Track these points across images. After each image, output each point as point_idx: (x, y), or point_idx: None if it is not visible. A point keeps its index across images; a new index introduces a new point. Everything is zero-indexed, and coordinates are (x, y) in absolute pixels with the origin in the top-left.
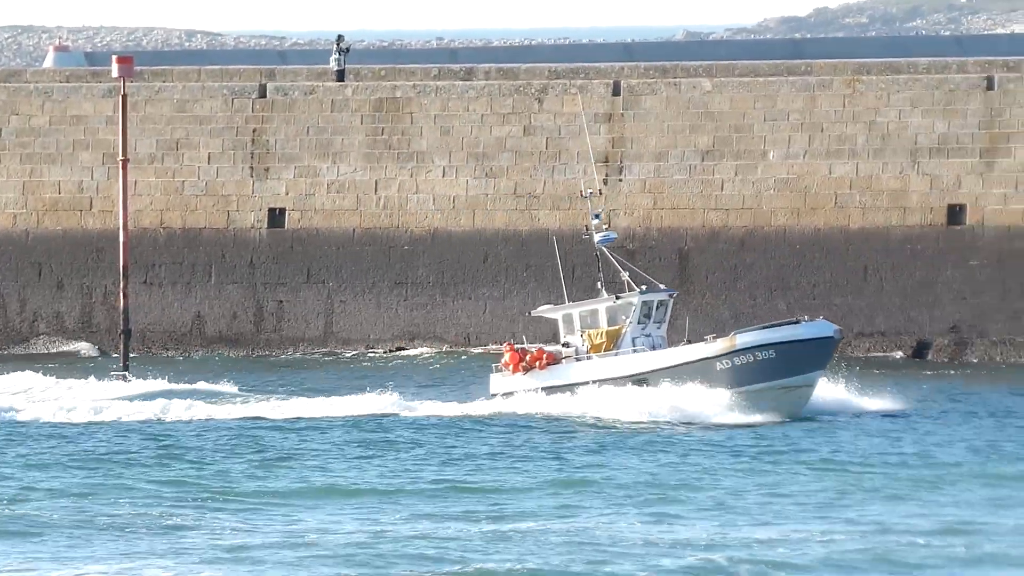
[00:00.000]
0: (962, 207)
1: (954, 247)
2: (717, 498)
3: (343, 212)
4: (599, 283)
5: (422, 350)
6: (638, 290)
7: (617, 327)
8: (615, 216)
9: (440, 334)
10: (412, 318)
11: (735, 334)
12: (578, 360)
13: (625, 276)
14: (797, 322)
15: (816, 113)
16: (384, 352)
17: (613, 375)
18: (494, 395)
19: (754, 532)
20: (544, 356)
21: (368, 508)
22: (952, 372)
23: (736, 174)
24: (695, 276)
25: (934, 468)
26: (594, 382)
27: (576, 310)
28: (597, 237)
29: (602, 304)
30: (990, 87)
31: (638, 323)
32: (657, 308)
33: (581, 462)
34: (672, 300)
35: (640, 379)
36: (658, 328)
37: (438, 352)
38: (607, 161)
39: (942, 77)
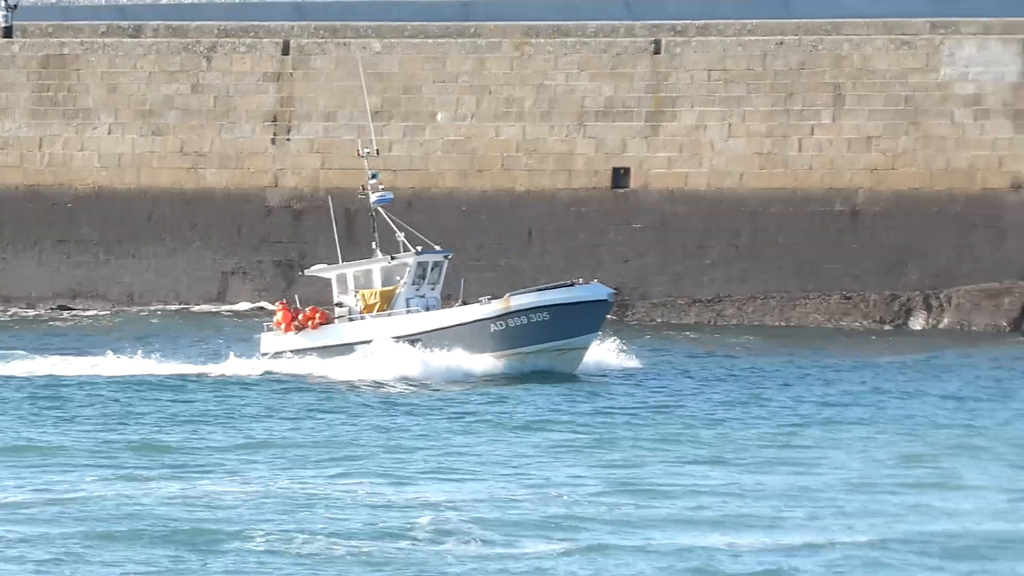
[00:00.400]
0: (627, 170)
1: (618, 210)
2: (395, 459)
3: (6, 169)
4: (374, 243)
5: (90, 311)
6: (413, 251)
7: (391, 288)
8: (282, 176)
9: (103, 293)
10: (75, 276)
11: (510, 296)
12: (351, 320)
13: (400, 237)
14: (572, 284)
15: (485, 76)
16: (46, 310)
17: (386, 335)
18: (264, 355)
19: (425, 493)
20: (317, 316)
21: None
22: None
23: (404, 135)
24: (361, 237)
25: (605, 430)
26: (367, 342)
27: (350, 270)
28: (373, 197)
29: (377, 264)
30: (657, 51)
31: (412, 284)
32: (432, 269)
33: (286, 425)
34: (447, 262)
35: (413, 340)
36: (432, 289)
37: (108, 311)
38: (275, 121)
39: (610, 41)
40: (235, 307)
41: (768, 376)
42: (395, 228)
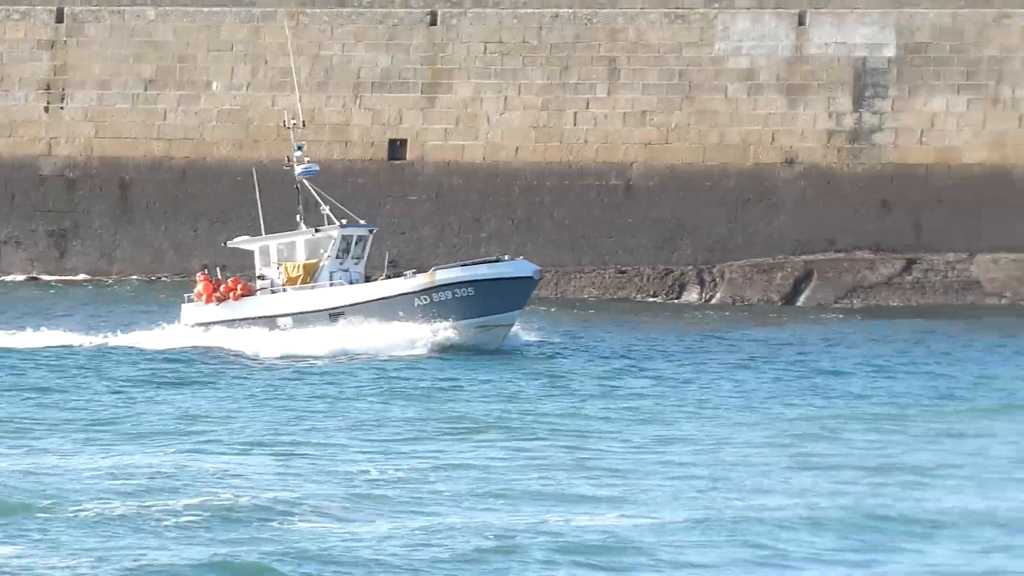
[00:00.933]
0: (403, 142)
1: (394, 182)
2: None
3: None
4: (298, 216)
5: None
6: (338, 224)
7: (315, 261)
8: (56, 144)
9: None
10: None
11: (435, 270)
12: (273, 292)
13: (325, 210)
14: (497, 260)
15: (260, 45)
16: None
17: (308, 308)
18: (184, 325)
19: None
20: (239, 287)
21: None
22: None
23: (179, 104)
24: (136, 206)
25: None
26: (288, 315)
27: (274, 242)
28: (298, 169)
29: (301, 237)
30: (433, 23)
31: (336, 257)
32: (356, 243)
33: (144, 397)
34: (372, 236)
35: (336, 313)
36: (356, 264)
37: None
38: (49, 89)
39: (386, 12)
40: (7, 277)
41: (547, 352)
42: (320, 201)
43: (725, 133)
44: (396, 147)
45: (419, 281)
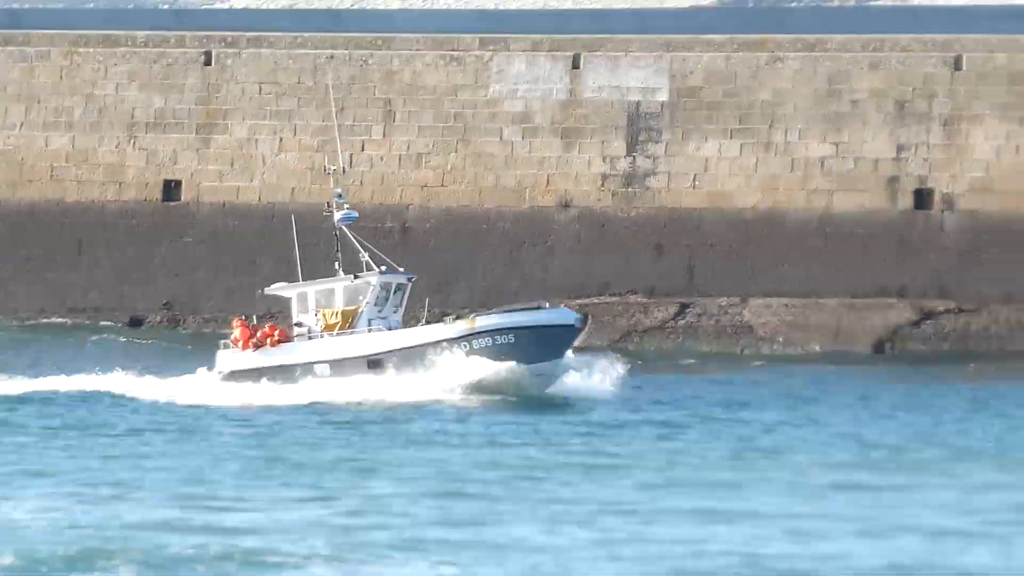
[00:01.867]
0: (178, 183)
1: (170, 223)
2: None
3: None
4: (336, 263)
5: None
6: (377, 271)
7: (353, 308)
8: None
9: None
10: None
11: (475, 316)
12: (311, 338)
13: (364, 257)
14: (539, 307)
15: (34, 84)
16: None
17: (346, 355)
18: (220, 372)
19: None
20: (276, 333)
21: None
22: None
23: None
24: None
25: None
26: (325, 362)
27: (312, 288)
28: (338, 216)
29: (339, 283)
30: (208, 62)
31: (375, 305)
32: (395, 291)
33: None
34: (411, 284)
35: (374, 360)
36: (395, 312)
37: None
38: None
39: (160, 51)
40: None
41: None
42: (359, 248)
43: (501, 176)
44: (171, 188)
45: (459, 327)
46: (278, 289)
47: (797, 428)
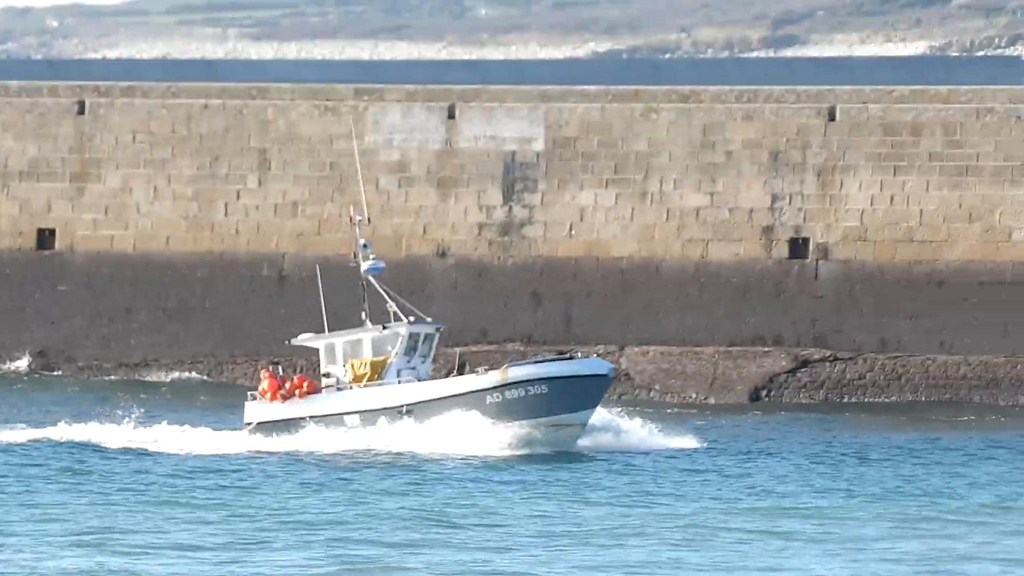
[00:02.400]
0: (52, 232)
1: (44, 271)
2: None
3: None
4: (363, 313)
5: None
6: (406, 321)
7: (382, 358)
8: None
9: None
10: None
11: (507, 366)
12: (340, 389)
13: (391, 307)
14: (571, 358)
15: None
16: None
17: (376, 406)
18: (248, 424)
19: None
20: (305, 384)
21: None
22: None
23: None
24: None
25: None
26: (356, 412)
27: (339, 339)
28: (365, 266)
29: (367, 334)
30: (81, 111)
31: (404, 355)
32: (424, 341)
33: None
34: (439, 334)
35: (405, 410)
36: (423, 362)
37: None
38: None
39: (33, 101)
40: None
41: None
42: (386, 298)
43: (377, 225)
44: (45, 237)
45: (491, 378)
46: (305, 340)
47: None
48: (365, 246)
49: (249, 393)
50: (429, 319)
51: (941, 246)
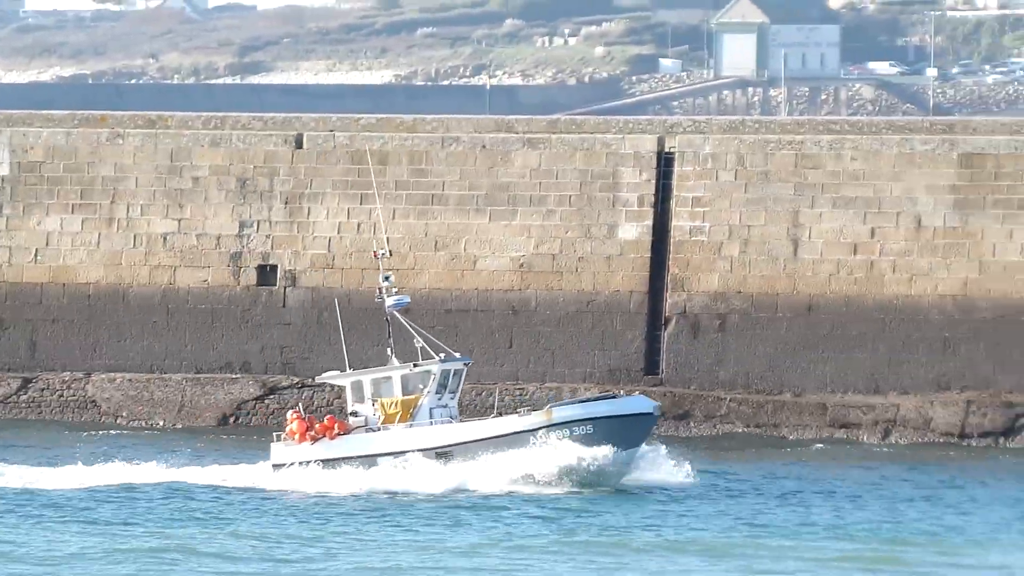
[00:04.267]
0: None
1: None
2: None
3: None
4: (389, 349)
5: None
6: (438, 358)
7: (413, 396)
8: None
9: None
10: None
11: (551, 407)
12: (374, 430)
13: (419, 343)
14: (614, 396)
15: None
16: None
17: (413, 447)
18: (276, 466)
19: None
20: (336, 425)
21: None
22: None
23: None
24: None
25: None
26: (392, 454)
27: (367, 377)
28: (389, 301)
29: (397, 371)
30: None
31: (435, 393)
32: (453, 377)
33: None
34: (467, 369)
35: (444, 452)
36: (452, 399)
37: None
38: None
39: None
40: None
41: None
42: (414, 333)
43: None
44: None
45: (535, 419)
46: (331, 377)
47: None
48: (387, 279)
49: (275, 435)
50: (457, 355)
51: (408, 274)
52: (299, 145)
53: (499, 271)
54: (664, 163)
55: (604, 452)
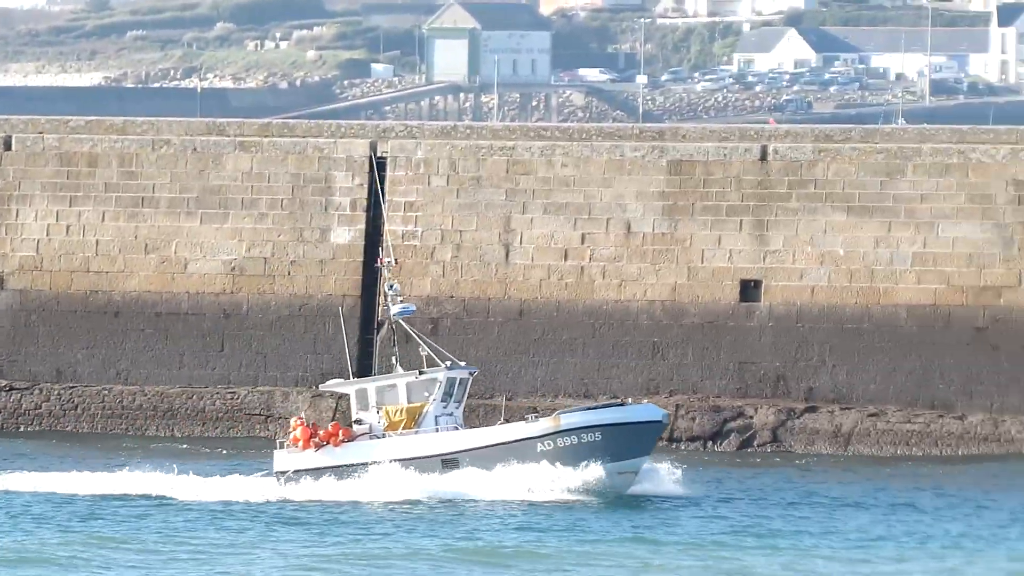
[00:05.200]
0: None
1: None
2: None
3: None
4: (394, 358)
5: None
6: (444, 366)
7: (418, 404)
8: None
9: None
10: None
11: (559, 414)
12: (378, 437)
13: (425, 352)
14: (623, 404)
15: None
16: None
17: (419, 454)
18: (278, 473)
19: None
20: (340, 432)
21: None
22: None
23: None
24: None
25: None
26: (397, 462)
27: (372, 385)
28: (395, 309)
29: (402, 379)
30: None
31: (441, 401)
32: (458, 386)
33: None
34: (472, 379)
35: (450, 460)
36: (458, 407)
37: None
38: None
39: None
40: None
41: None
42: (419, 342)
43: None
44: None
45: (542, 426)
46: (335, 385)
47: None
48: (391, 287)
49: (278, 442)
50: (462, 363)
51: (118, 277)
52: (8, 147)
53: (210, 274)
54: (377, 167)
55: (596, 473)
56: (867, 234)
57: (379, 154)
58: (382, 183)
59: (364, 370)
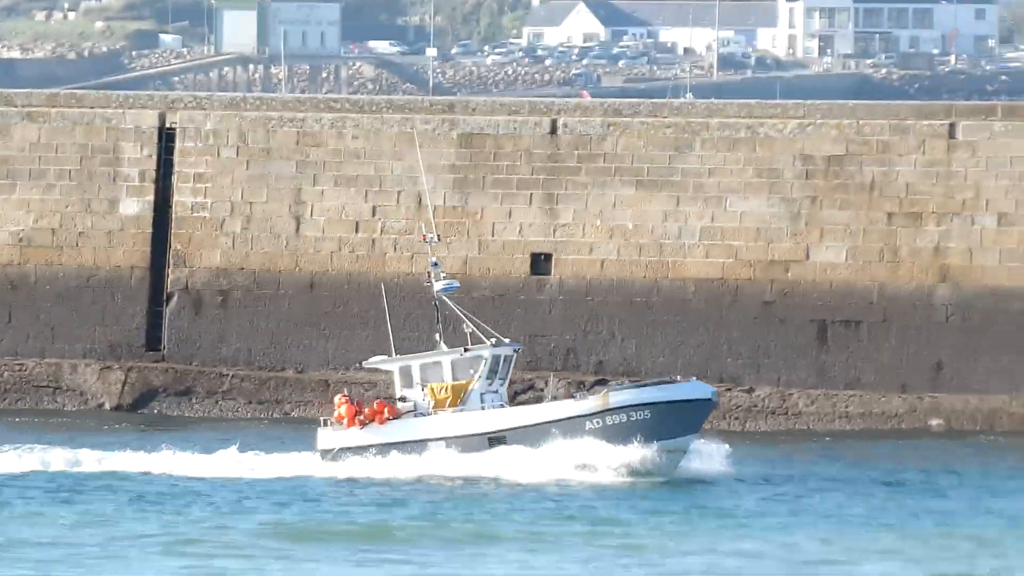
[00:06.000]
0: None
1: None
2: None
3: None
4: (438, 335)
5: None
6: (489, 343)
7: (463, 382)
8: None
9: None
10: None
11: (607, 392)
12: (425, 415)
13: (469, 328)
14: (672, 381)
15: None
16: None
17: (466, 432)
18: (322, 451)
19: None
20: (386, 409)
21: None
22: None
23: None
24: None
25: None
26: (443, 439)
27: (416, 362)
28: (438, 286)
29: (447, 356)
30: None
31: (486, 378)
32: (503, 363)
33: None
34: (516, 356)
35: (497, 437)
36: (502, 385)
37: None
38: None
39: None
40: None
41: None
42: (463, 318)
43: None
44: None
45: (591, 404)
46: (378, 362)
47: None
48: (435, 264)
49: (322, 419)
50: (507, 340)
51: None
52: None
53: None
54: (166, 139)
55: (644, 452)
56: (656, 208)
57: (168, 125)
58: (171, 154)
59: (153, 342)
